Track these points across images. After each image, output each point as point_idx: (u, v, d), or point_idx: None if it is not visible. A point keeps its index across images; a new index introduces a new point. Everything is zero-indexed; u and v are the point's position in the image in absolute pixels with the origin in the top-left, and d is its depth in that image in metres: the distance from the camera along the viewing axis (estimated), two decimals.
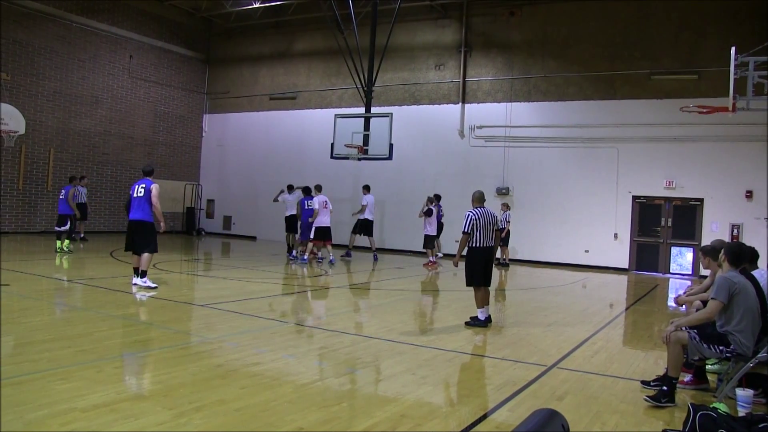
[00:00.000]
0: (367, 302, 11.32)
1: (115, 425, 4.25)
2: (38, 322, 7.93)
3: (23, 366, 5.59)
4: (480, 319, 8.75)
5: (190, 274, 14.12)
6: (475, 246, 8.75)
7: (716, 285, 5.46)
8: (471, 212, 8.75)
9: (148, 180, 10.65)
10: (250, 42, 25.78)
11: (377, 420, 4.69)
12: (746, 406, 4.99)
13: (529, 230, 19.63)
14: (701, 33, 17.80)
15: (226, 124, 26.25)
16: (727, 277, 5.42)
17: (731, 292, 5.33)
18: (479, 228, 8.68)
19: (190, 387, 5.21)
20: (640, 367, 6.77)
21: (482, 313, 8.78)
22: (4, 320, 7.31)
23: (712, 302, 5.41)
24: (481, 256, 8.78)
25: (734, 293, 5.33)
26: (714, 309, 5.41)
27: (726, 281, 5.38)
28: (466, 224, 8.71)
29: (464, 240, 8.80)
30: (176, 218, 25.44)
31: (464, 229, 8.75)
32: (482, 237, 8.72)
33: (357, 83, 18.05)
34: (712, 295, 5.44)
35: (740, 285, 5.38)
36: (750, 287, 5.45)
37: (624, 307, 12.33)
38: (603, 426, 4.82)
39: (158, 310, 9.04)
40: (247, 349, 6.71)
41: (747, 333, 5.35)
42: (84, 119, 21.98)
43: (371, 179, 21.72)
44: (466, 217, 8.74)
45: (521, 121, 20.14)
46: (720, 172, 17.40)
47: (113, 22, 22.66)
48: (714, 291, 5.44)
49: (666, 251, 18.40)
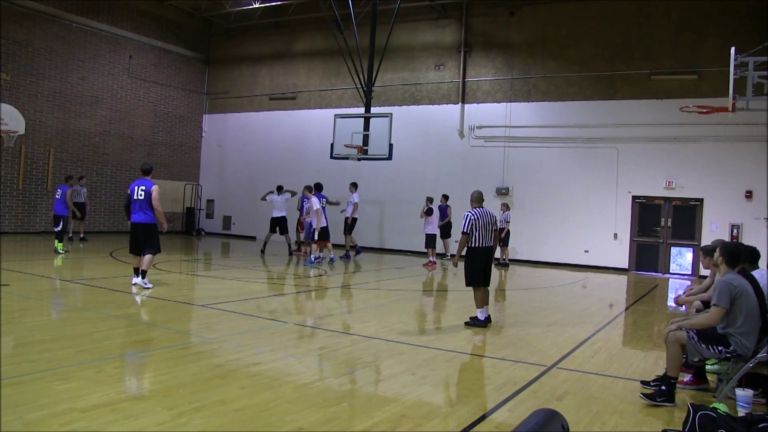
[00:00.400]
0: (367, 302, 11.32)
1: (115, 425, 4.25)
2: (38, 322, 7.93)
3: (23, 366, 5.59)
4: (480, 319, 8.75)
5: (190, 274, 14.11)
6: (475, 246, 8.75)
7: (717, 290, 5.41)
8: (470, 212, 8.76)
9: (148, 181, 10.55)
10: (249, 42, 25.78)
11: (377, 420, 4.69)
12: (746, 406, 4.99)
13: (529, 230, 19.64)
14: (701, 33, 17.81)
15: (225, 125, 26.25)
16: (726, 281, 5.38)
17: (733, 296, 5.30)
18: (478, 228, 8.68)
19: (190, 387, 5.21)
20: (639, 367, 6.77)
21: (482, 313, 8.78)
22: (5, 320, 7.31)
23: (715, 309, 5.35)
24: (480, 256, 8.78)
25: (736, 296, 5.30)
26: (717, 315, 5.35)
27: (726, 285, 5.34)
28: (465, 224, 8.72)
29: (464, 240, 8.81)
30: (176, 218, 25.44)
31: (463, 230, 8.76)
32: (481, 237, 8.72)
33: (357, 83, 18.05)
34: (714, 301, 5.38)
35: (741, 287, 5.36)
36: (750, 288, 5.45)
37: (624, 307, 12.33)
38: (603, 426, 4.82)
39: (158, 310, 9.04)
40: (246, 349, 6.71)
41: (749, 334, 5.33)
42: (84, 119, 21.98)
43: (371, 179, 21.78)
44: (465, 218, 8.75)
45: (521, 121, 20.15)
46: (720, 172, 17.40)
47: (113, 23, 22.66)
48: (715, 296, 5.39)
49: (666, 251, 18.40)
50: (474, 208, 8.85)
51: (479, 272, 8.78)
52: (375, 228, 22.30)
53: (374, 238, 22.23)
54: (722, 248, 5.70)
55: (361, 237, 21.84)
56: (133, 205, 10.45)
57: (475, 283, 8.79)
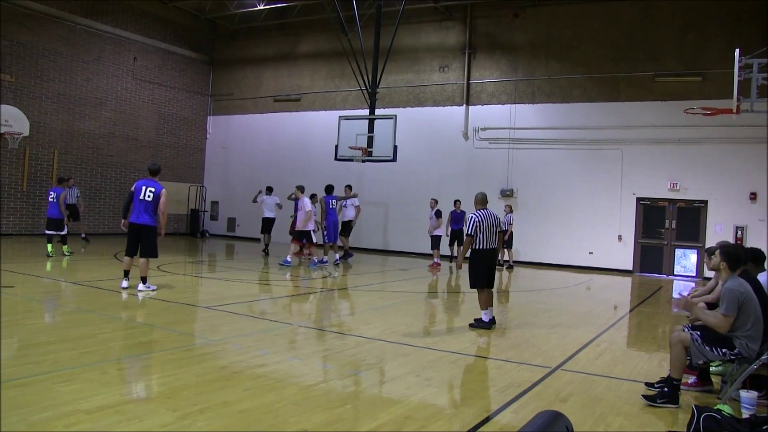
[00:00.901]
0: (371, 304, 11.31)
1: (120, 427, 4.26)
2: (42, 323, 7.95)
3: (27, 368, 5.60)
4: (484, 321, 8.75)
5: (194, 276, 14.13)
6: (479, 248, 8.75)
7: (724, 299, 5.34)
8: (474, 214, 8.76)
9: (157, 183, 10.25)
10: (254, 44, 25.82)
11: (381, 422, 4.69)
12: (750, 408, 4.98)
13: (533, 232, 19.62)
14: (705, 35, 17.78)
15: (230, 126, 26.29)
16: (732, 289, 5.31)
17: (740, 302, 5.26)
18: (482, 230, 8.68)
19: (194, 389, 5.22)
20: (644, 369, 6.76)
21: (486, 314, 8.77)
22: (9, 322, 7.33)
23: (724, 318, 5.28)
24: (484, 257, 8.78)
25: (743, 302, 5.27)
26: (726, 324, 5.30)
27: (732, 293, 5.28)
28: (470, 227, 8.72)
29: (468, 242, 8.81)
30: (180, 220, 25.49)
31: (467, 232, 8.76)
32: (485, 239, 8.72)
33: (361, 85, 18.05)
34: (722, 311, 5.30)
35: (746, 292, 5.32)
36: (752, 291, 5.42)
37: (628, 309, 12.31)
38: (607, 427, 4.81)
39: (162, 312, 9.05)
40: (251, 351, 6.72)
41: (756, 338, 5.32)
42: (88, 121, 22.04)
43: (375, 181, 21.81)
44: (469, 220, 8.76)
45: (525, 123, 20.13)
46: (724, 173, 17.36)
47: (117, 24, 22.72)
48: (723, 306, 5.31)
49: (670, 253, 18.36)
50: (478, 210, 8.86)
51: (483, 274, 8.78)
52: (379, 229, 22.30)
53: (378, 239, 22.24)
54: (722, 252, 5.65)
55: (365, 238, 21.89)
56: (137, 205, 10.11)
57: (479, 284, 8.79)
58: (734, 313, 5.27)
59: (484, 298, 8.79)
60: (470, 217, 8.78)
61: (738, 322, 5.32)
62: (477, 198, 9.02)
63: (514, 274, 17.41)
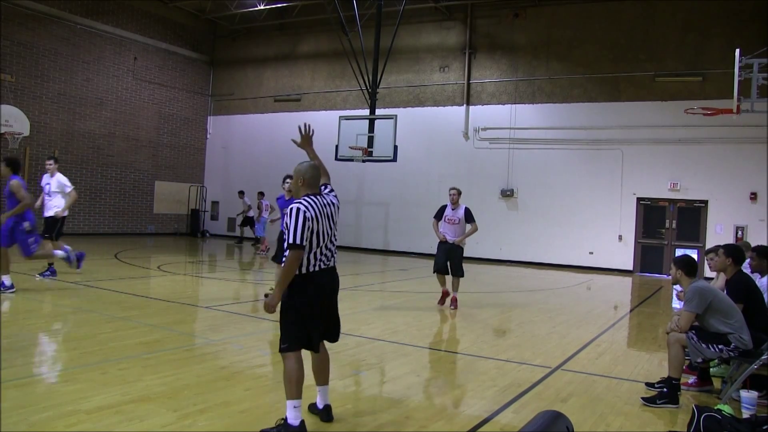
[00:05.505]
0: (372, 304, 11.31)
1: (120, 427, 4.26)
2: (42, 323, 7.95)
3: (27, 368, 5.61)
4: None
5: (195, 276, 14.13)
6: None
7: (686, 298, 5.59)
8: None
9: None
10: (254, 44, 25.82)
11: (382, 422, 4.69)
12: (750, 408, 4.99)
13: (534, 232, 19.62)
14: (706, 35, 17.78)
15: (230, 126, 26.29)
16: (695, 287, 5.54)
17: (708, 300, 5.46)
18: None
19: (194, 389, 5.22)
20: (644, 369, 6.76)
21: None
22: (9, 322, 7.33)
23: (686, 314, 5.57)
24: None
25: (711, 300, 5.47)
26: (688, 320, 5.58)
27: (695, 290, 5.52)
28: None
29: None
30: (180, 220, 25.48)
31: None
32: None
33: (361, 85, 18.04)
34: (691, 308, 5.53)
35: (708, 288, 5.58)
36: (711, 286, 5.72)
37: (628, 309, 12.31)
38: (607, 427, 4.81)
39: (162, 311, 9.05)
40: (251, 351, 6.72)
41: (743, 328, 5.45)
42: (88, 121, 22.04)
43: (375, 181, 21.82)
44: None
45: (526, 123, 20.13)
46: (724, 173, 17.37)
47: (117, 24, 22.72)
48: (686, 304, 5.59)
49: (670, 253, 18.34)
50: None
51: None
52: (380, 230, 22.30)
53: (378, 239, 22.24)
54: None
55: (365, 238, 21.89)
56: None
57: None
58: (695, 310, 5.47)
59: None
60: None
61: (719, 315, 5.47)
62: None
63: (515, 273, 17.36)
